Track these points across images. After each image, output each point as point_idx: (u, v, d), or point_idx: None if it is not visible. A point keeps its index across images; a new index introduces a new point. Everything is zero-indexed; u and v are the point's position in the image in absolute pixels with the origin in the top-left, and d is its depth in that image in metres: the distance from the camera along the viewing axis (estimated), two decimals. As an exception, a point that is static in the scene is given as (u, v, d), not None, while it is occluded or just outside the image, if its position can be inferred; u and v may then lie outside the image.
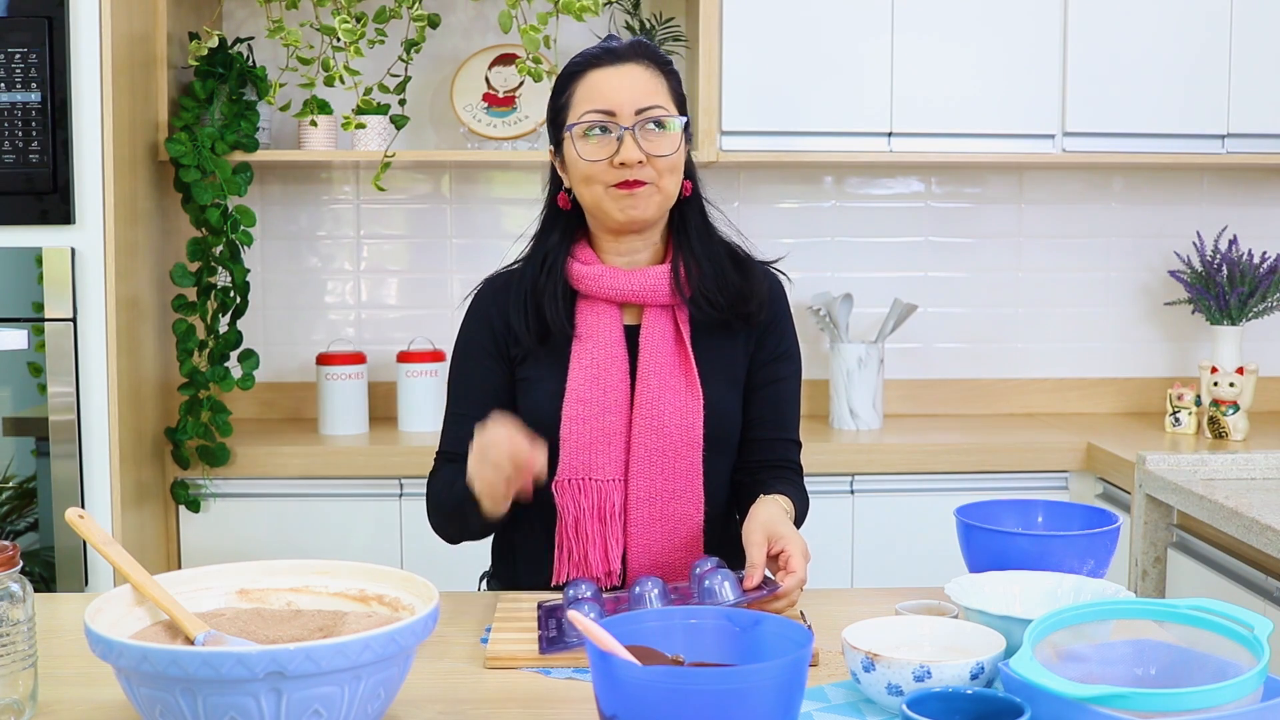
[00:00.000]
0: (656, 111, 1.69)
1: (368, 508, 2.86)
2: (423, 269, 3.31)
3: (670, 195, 1.73)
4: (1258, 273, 3.10)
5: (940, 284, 3.37)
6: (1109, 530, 1.57)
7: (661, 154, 1.69)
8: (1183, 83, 3.02)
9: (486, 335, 1.80)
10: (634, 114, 1.68)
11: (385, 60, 3.01)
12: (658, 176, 1.70)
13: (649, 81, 1.71)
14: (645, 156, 1.68)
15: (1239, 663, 1.15)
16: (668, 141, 1.70)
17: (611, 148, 1.68)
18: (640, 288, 1.74)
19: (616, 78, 1.70)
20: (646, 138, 1.69)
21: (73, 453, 2.51)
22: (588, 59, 1.73)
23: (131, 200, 2.65)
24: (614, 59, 1.72)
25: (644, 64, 1.72)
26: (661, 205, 1.73)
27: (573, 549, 1.71)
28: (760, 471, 1.81)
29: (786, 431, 1.84)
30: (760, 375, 1.81)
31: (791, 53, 2.97)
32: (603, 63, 1.72)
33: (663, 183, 1.71)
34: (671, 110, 1.71)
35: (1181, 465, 2.56)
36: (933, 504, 2.85)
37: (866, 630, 1.34)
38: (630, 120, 1.68)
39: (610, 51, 1.73)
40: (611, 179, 1.69)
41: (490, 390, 1.78)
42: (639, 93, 1.69)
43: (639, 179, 1.69)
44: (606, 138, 1.69)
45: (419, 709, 1.29)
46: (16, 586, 1.22)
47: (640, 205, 1.70)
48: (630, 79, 1.70)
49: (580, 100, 1.71)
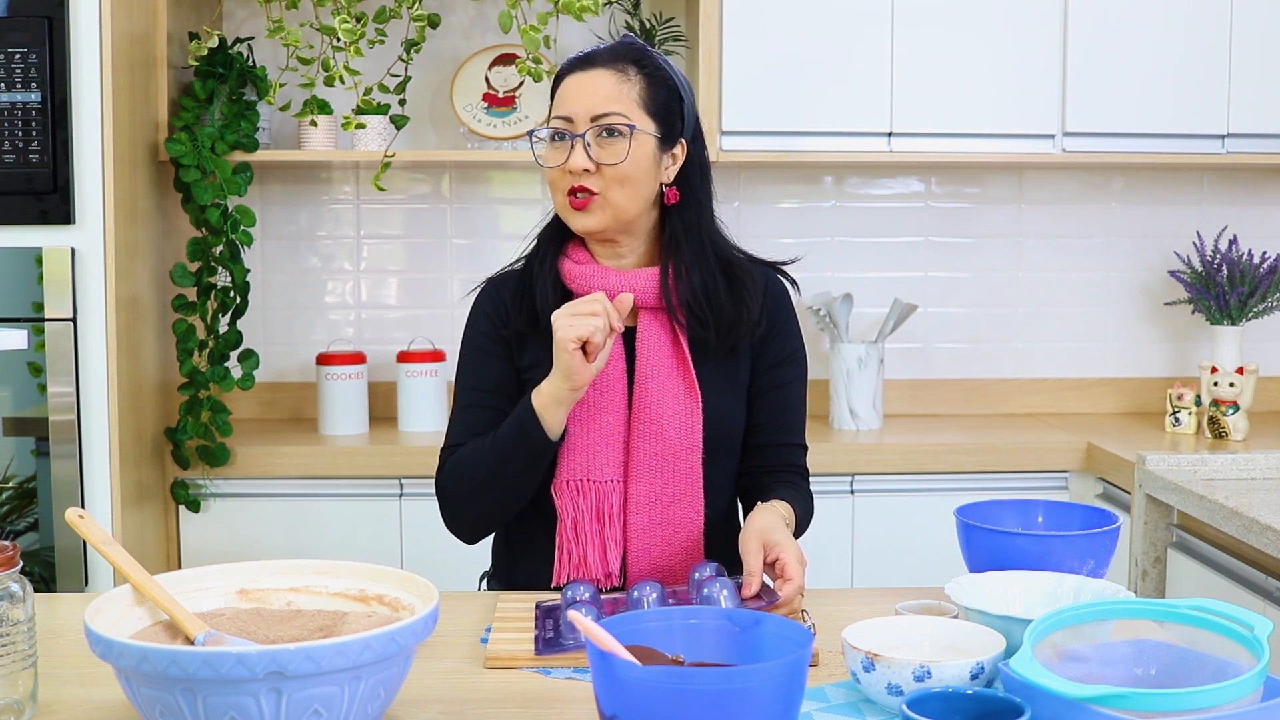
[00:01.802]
0: (611, 119, 1.68)
1: (368, 508, 2.86)
2: (423, 269, 3.31)
3: (624, 206, 1.70)
4: (1258, 273, 3.10)
5: (940, 284, 3.37)
6: (1109, 530, 1.57)
7: (609, 163, 1.68)
8: (1183, 83, 3.02)
9: (490, 330, 1.79)
10: (589, 120, 1.68)
11: (385, 60, 3.01)
12: (606, 187, 1.69)
13: (613, 88, 1.69)
14: (594, 165, 1.68)
15: (1239, 663, 1.15)
16: (617, 150, 1.68)
17: (565, 153, 1.69)
18: (629, 288, 1.73)
19: (582, 83, 1.70)
20: (599, 145, 1.68)
21: (73, 453, 2.51)
22: (570, 62, 1.74)
23: (131, 200, 2.65)
24: (587, 64, 1.71)
25: (616, 69, 1.70)
26: (615, 217, 1.71)
27: (572, 550, 1.71)
28: (764, 476, 1.81)
29: (792, 436, 1.83)
30: (765, 380, 1.80)
31: (791, 53, 2.97)
32: (577, 67, 1.72)
33: (611, 194, 1.69)
34: (632, 118, 1.68)
35: (1181, 465, 2.56)
36: (933, 504, 2.85)
37: (866, 630, 1.34)
38: (584, 127, 1.68)
39: (587, 56, 1.73)
40: (565, 185, 1.70)
41: (499, 382, 1.78)
42: (598, 99, 1.68)
43: (588, 190, 1.68)
44: (563, 144, 1.70)
45: (419, 709, 1.29)
46: (16, 586, 1.22)
47: (588, 219, 1.71)
48: (594, 85, 1.69)
49: (554, 105, 1.73)
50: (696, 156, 1.77)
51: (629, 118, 1.68)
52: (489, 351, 1.79)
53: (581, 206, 1.69)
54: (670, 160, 1.74)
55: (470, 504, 1.73)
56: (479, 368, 1.79)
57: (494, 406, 1.76)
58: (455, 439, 1.77)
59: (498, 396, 1.76)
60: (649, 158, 1.70)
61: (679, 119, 1.74)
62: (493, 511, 1.74)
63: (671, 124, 1.73)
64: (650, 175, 1.71)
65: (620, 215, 1.71)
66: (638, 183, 1.70)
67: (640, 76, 1.71)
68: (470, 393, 1.79)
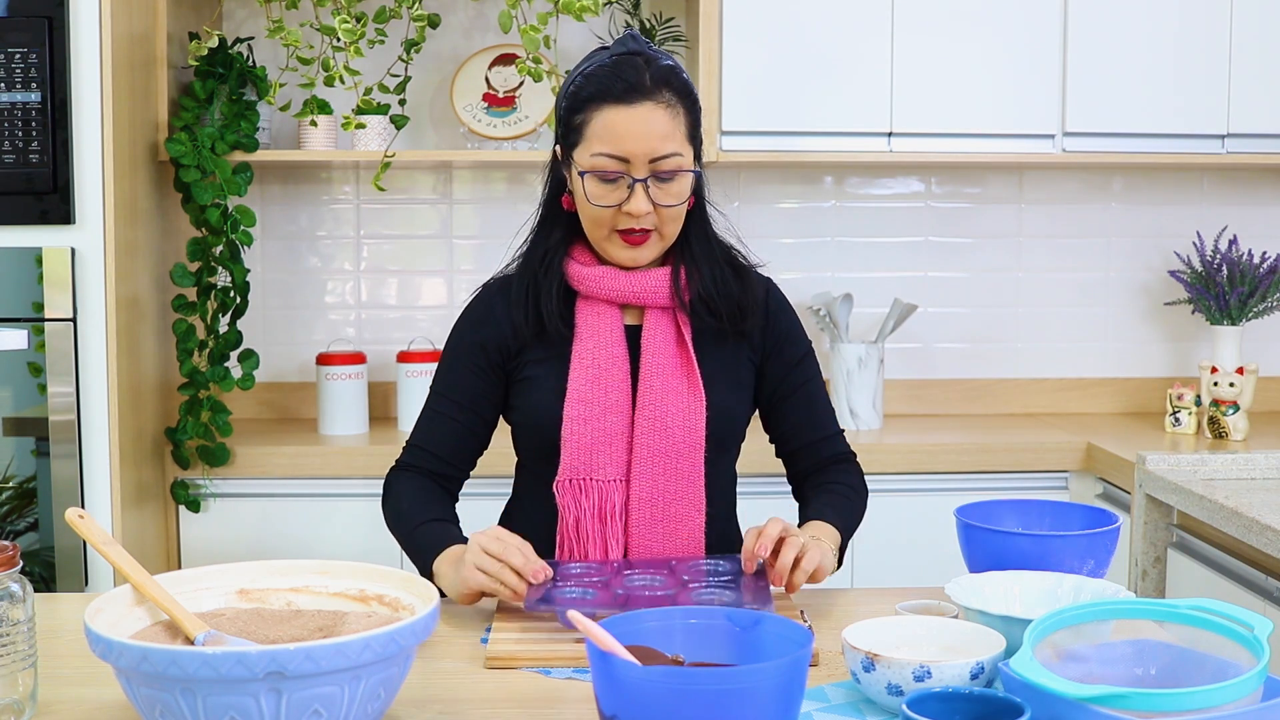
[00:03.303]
0: (671, 162, 1.66)
1: (368, 508, 2.86)
2: (423, 269, 3.31)
3: (672, 237, 1.73)
4: (1258, 273, 3.10)
5: (940, 284, 3.37)
6: (1109, 530, 1.57)
7: (669, 204, 1.68)
8: (1183, 83, 3.02)
9: (480, 340, 1.79)
10: (647, 163, 1.65)
11: (385, 60, 3.01)
12: (661, 224, 1.70)
13: (667, 124, 1.65)
14: (653, 206, 1.68)
15: (1239, 663, 1.15)
16: (675, 191, 1.68)
17: (621, 195, 1.67)
18: (641, 289, 1.74)
19: (635, 121, 1.64)
20: (656, 188, 1.67)
21: (73, 453, 2.51)
22: (609, 93, 1.65)
23: (131, 200, 2.65)
24: (635, 97, 1.65)
25: (664, 104, 1.66)
26: (663, 248, 1.74)
27: (573, 549, 1.72)
28: (817, 475, 1.83)
29: (828, 429, 1.84)
30: (786, 384, 1.81)
31: (791, 53, 2.97)
32: (624, 100, 1.65)
33: (666, 230, 1.71)
34: (686, 155, 1.67)
35: (1181, 465, 2.56)
36: (933, 504, 2.85)
37: (866, 630, 1.34)
38: (644, 171, 1.66)
39: (633, 88, 1.65)
40: (618, 224, 1.69)
41: (474, 395, 1.78)
42: (655, 140, 1.64)
43: (644, 228, 1.69)
44: (618, 185, 1.67)
45: (419, 709, 1.29)
46: (16, 586, 1.22)
47: (642, 254, 1.72)
48: (648, 124, 1.64)
49: (594, 136, 1.66)
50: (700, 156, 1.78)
51: (684, 156, 1.67)
52: (465, 361, 1.79)
53: (639, 243, 1.70)
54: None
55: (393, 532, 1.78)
56: (452, 375, 1.81)
57: (456, 419, 1.79)
58: (416, 439, 1.82)
59: (462, 410, 1.78)
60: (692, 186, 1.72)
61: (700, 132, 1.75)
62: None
63: (700, 141, 1.73)
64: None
65: (666, 245, 1.74)
66: (683, 213, 1.72)
67: (684, 108, 1.68)
68: (439, 398, 1.81)
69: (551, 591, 1.51)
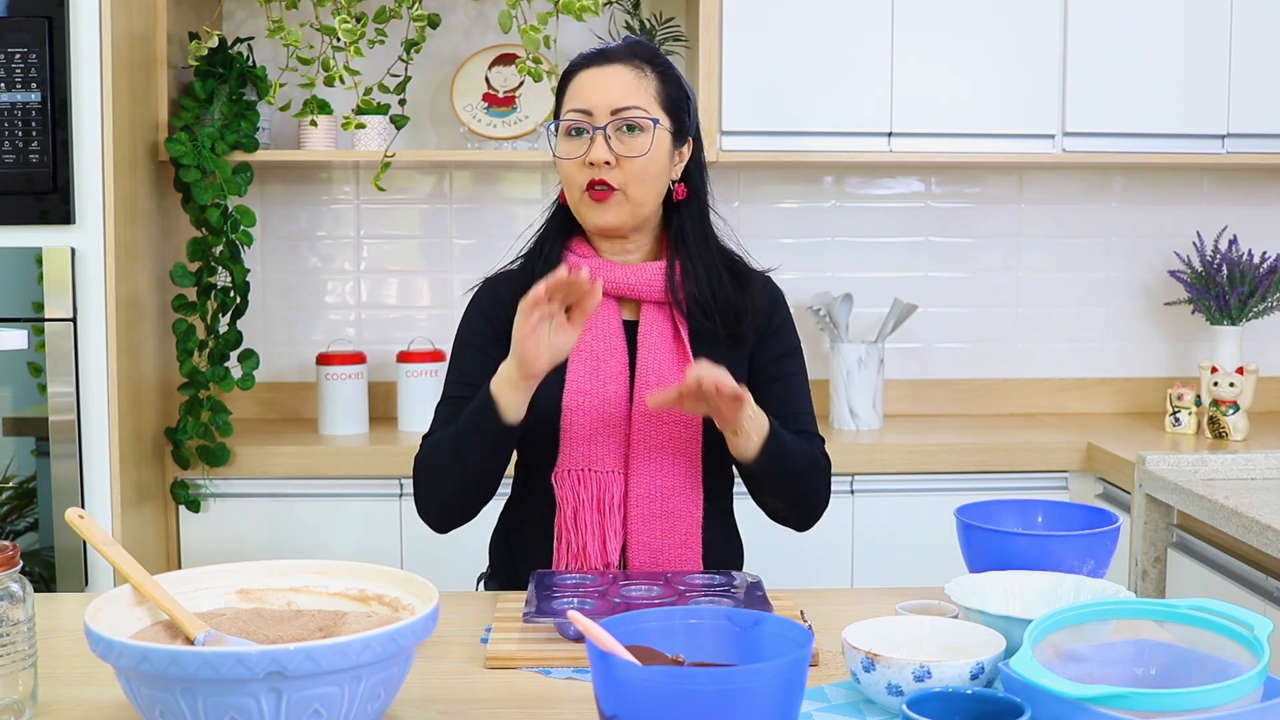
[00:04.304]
0: (632, 113, 1.70)
1: (367, 508, 2.86)
2: (423, 269, 3.31)
3: (641, 203, 1.73)
4: (1258, 273, 3.10)
5: (940, 284, 3.37)
6: (1109, 530, 1.57)
7: (631, 155, 1.70)
8: (1183, 83, 3.02)
9: (486, 326, 1.80)
10: (609, 114, 1.70)
11: (385, 60, 3.01)
12: (625, 182, 1.71)
13: (632, 82, 1.72)
14: (615, 158, 1.70)
15: (1239, 663, 1.15)
16: (638, 144, 1.70)
17: (584, 147, 1.71)
18: (636, 282, 1.76)
19: (599, 78, 1.72)
20: (619, 139, 1.70)
21: (73, 453, 2.51)
22: (582, 59, 1.76)
23: (131, 200, 2.65)
24: (603, 60, 1.74)
25: (632, 65, 1.73)
26: (633, 213, 1.73)
27: (571, 540, 1.72)
28: None
29: (803, 425, 1.82)
30: (766, 374, 1.81)
31: (791, 53, 2.97)
32: (592, 63, 1.74)
33: (630, 190, 1.71)
34: (652, 112, 1.72)
35: (1181, 465, 2.56)
36: (933, 504, 2.85)
37: (866, 630, 1.34)
38: (604, 120, 1.71)
39: (601, 52, 1.75)
40: (583, 180, 1.71)
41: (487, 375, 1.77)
42: (617, 93, 1.71)
43: (608, 184, 1.70)
44: (580, 139, 1.72)
45: (419, 709, 1.29)
46: (16, 586, 1.22)
47: (607, 214, 1.72)
48: (612, 79, 1.72)
49: (567, 100, 1.75)
50: (697, 155, 1.82)
51: (648, 112, 1.72)
52: (480, 350, 1.80)
53: (601, 199, 1.71)
54: (678, 157, 1.79)
55: (435, 488, 1.73)
56: (469, 362, 1.80)
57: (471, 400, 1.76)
58: (435, 426, 1.78)
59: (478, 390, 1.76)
60: (665, 153, 1.74)
61: (688, 116, 1.78)
62: (456, 499, 1.72)
63: (682, 121, 1.76)
64: (665, 171, 1.75)
65: (637, 211, 1.73)
66: (655, 178, 1.73)
67: (655, 73, 1.74)
68: (456, 384, 1.79)
69: (548, 604, 1.51)
